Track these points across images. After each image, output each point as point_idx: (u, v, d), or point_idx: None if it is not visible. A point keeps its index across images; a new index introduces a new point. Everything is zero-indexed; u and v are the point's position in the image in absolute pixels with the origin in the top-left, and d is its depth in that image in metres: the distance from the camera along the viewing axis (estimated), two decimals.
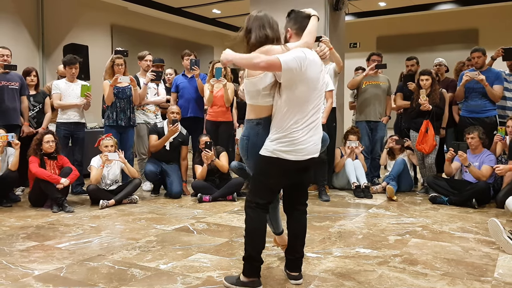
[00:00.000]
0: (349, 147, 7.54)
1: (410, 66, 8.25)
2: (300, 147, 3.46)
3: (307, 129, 3.48)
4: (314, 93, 3.50)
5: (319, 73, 3.52)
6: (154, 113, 7.93)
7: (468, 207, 6.45)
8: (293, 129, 3.43)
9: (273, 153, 3.45)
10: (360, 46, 15.12)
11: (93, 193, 6.60)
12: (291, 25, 3.69)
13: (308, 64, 3.39)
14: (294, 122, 3.43)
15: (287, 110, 3.42)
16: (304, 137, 3.47)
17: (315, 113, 3.52)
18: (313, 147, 3.54)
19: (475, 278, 3.75)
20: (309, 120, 3.48)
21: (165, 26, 14.60)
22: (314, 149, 3.56)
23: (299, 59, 3.34)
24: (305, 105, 3.46)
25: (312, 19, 3.61)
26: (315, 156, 3.59)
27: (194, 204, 6.76)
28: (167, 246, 4.62)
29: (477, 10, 13.33)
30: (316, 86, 3.50)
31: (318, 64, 3.51)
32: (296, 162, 3.49)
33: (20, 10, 10.74)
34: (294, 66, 3.31)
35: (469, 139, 6.76)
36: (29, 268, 3.97)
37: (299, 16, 3.66)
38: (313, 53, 3.54)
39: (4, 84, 7.09)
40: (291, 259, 3.73)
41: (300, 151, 3.47)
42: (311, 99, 3.49)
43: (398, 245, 4.67)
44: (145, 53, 7.97)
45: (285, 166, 3.49)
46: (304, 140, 3.47)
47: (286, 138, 3.43)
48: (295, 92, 3.40)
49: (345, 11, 8.86)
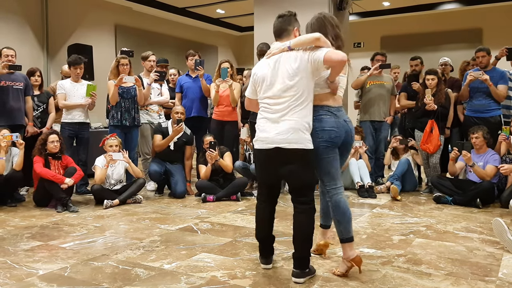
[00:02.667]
0: (353, 147, 7.53)
1: (414, 66, 8.23)
2: (262, 135, 3.68)
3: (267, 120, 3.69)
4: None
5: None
6: (158, 113, 7.93)
7: (472, 207, 6.43)
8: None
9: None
10: (364, 46, 15.13)
11: (98, 193, 6.62)
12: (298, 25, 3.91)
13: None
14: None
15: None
16: (265, 125, 3.67)
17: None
18: (277, 136, 3.61)
19: (479, 278, 3.74)
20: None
21: (169, 26, 14.64)
22: (277, 139, 3.61)
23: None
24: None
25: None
26: (283, 147, 3.61)
27: (198, 204, 6.76)
28: (171, 246, 4.63)
29: (481, 10, 13.32)
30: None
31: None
32: (259, 150, 3.72)
33: (25, 11, 10.78)
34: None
35: (474, 139, 6.75)
36: (33, 268, 3.98)
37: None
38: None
39: (9, 84, 7.12)
40: (292, 255, 3.78)
41: (263, 139, 3.67)
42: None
43: (402, 245, 4.66)
44: (148, 54, 7.98)
45: (257, 156, 3.82)
46: (266, 128, 3.66)
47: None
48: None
49: (349, 11, 8.86)
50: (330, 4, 8.19)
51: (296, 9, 8.41)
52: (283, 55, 3.67)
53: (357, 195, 7.24)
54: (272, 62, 3.70)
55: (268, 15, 8.52)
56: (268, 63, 3.73)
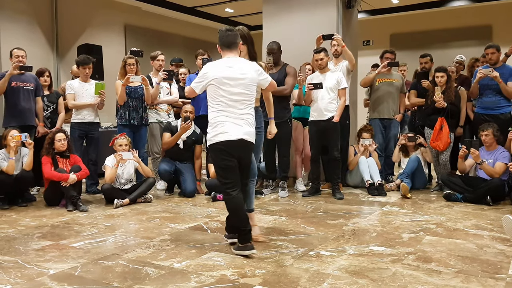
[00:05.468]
0: (363, 145, 7.52)
1: (424, 64, 8.19)
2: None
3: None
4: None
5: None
6: (167, 112, 7.95)
7: (482, 204, 6.40)
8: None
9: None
10: (373, 44, 15.07)
11: (108, 193, 6.64)
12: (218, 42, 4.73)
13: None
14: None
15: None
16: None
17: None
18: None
19: (489, 276, 3.73)
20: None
21: (178, 25, 14.66)
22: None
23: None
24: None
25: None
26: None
27: (208, 202, 6.78)
28: (181, 245, 4.64)
29: (490, 7, 13.25)
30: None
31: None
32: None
33: (35, 11, 10.82)
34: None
35: (484, 136, 6.72)
36: (44, 267, 4.00)
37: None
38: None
39: (20, 85, 7.15)
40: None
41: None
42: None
43: (412, 243, 4.65)
44: (157, 53, 7.99)
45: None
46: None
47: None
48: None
49: (357, 8, 8.83)
50: (339, 2, 8.17)
51: (305, 8, 8.48)
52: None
53: (367, 193, 7.23)
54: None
55: (276, 13, 8.53)
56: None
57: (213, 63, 4.55)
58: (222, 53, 4.63)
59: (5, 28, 10.15)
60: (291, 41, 7.99)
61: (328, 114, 6.93)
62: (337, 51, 7.53)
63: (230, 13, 15.00)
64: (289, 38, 8.01)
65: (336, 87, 6.98)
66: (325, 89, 6.89)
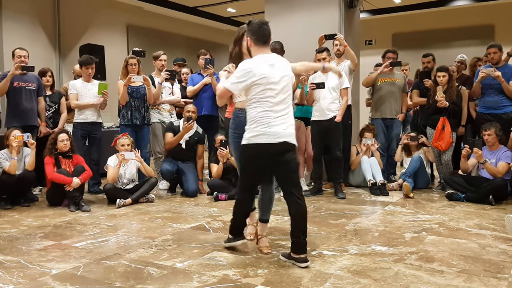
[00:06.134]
0: (365, 145, 7.52)
1: (426, 63, 8.18)
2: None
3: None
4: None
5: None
6: (169, 112, 7.95)
7: (485, 203, 6.40)
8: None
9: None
10: (375, 43, 15.07)
11: (110, 192, 6.65)
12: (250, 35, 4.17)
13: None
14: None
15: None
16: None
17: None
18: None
19: (492, 275, 3.73)
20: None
21: (180, 25, 14.66)
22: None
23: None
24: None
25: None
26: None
27: (210, 202, 6.78)
28: (183, 245, 4.64)
29: (493, 6, 13.23)
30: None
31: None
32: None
33: (37, 12, 10.82)
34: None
35: (486, 136, 6.70)
36: (46, 267, 4.01)
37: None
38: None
39: (22, 85, 7.16)
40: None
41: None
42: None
43: (415, 243, 4.65)
44: (159, 53, 8.00)
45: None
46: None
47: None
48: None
49: (359, 8, 8.83)
50: (341, 2, 8.17)
51: (307, 7, 8.47)
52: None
53: (369, 193, 7.22)
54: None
55: (278, 13, 8.52)
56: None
57: (253, 61, 4.14)
58: (254, 48, 4.20)
59: (8, 28, 10.16)
60: (293, 41, 7.98)
61: (330, 113, 6.93)
62: (340, 50, 7.52)
63: (232, 13, 14.99)
64: (291, 38, 8.00)
65: (338, 86, 6.99)
66: (327, 88, 6.89)
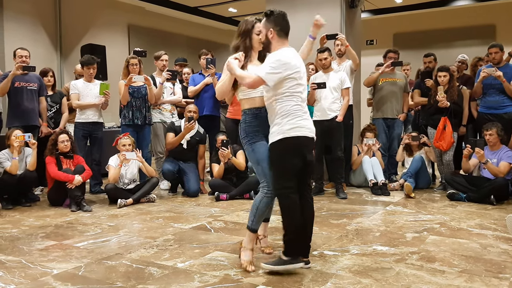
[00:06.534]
0: (366, 145, 7.51)
1: (428, 63, 8.19)
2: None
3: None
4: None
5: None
6: (171, 112, 7.95)
7: (486, 203, 6.39)
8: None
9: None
10: (376, 43, 15.07)
11: (111, 192, 6.65)
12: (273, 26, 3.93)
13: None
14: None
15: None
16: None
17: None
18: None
19: (493, 275, 3.72)
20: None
21: (181, 25, 14.67)
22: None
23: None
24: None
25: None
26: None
27: (212, 202, 6.78)
28: (184, 245, 4.64)
29: (494, 6, 13.23)
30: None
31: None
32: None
33: (38, 12, 10.83)
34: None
35: (488, 136, 6.70)
36: (48, 267, 4.01)
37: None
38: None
39: (23, 85, 7.16)
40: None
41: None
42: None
43: (416, 243, 4.65)
44: (161, 53, 8.00)
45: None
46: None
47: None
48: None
49: (361, 8, 8.83)
50: (342, 2, 8.17)
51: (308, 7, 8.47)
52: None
53: (371, 193, 7.22)
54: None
55: None
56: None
57: (286, 52, 3.89)
58: (277, 40, 3.98)
59: (9, 29, 10.17)
60: (294, 40, 7.91)
61: (331, 113, 6.93)
62: (341, 50, 7.53)
63: (233, 13, 15.00)
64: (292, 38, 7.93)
65: (340, 86, 6.99)
66: (328, 88, 6.90)
